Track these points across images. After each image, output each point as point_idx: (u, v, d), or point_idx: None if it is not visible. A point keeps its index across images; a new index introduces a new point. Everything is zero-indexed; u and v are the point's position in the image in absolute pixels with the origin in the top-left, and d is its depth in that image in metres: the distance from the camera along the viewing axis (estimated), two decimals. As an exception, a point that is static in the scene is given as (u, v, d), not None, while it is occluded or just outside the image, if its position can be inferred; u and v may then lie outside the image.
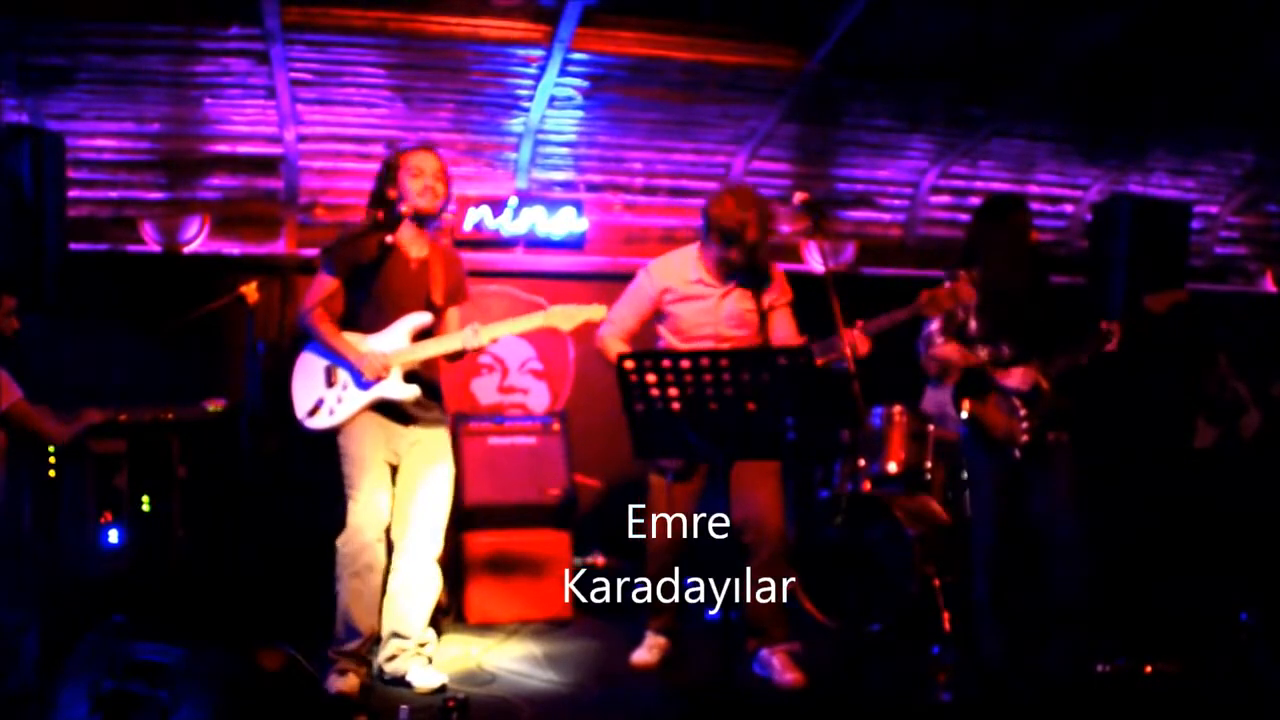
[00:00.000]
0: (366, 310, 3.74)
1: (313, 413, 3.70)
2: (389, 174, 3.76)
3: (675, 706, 3.66)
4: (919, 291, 3.65)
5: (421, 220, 3.77)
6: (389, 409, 3.70)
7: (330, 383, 3.71)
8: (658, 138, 5.56)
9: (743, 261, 3.85)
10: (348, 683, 3.55)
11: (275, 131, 5.11)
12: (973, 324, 3.85)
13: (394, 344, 3.69)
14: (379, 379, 3.64)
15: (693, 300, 3.95)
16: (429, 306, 3.76)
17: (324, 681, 3.56)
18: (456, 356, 3.74)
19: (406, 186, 3.70)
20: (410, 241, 3.79)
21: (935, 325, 3.89)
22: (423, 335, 3.73)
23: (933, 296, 3.62)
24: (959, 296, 3.63)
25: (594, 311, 3.75)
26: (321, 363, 3.74)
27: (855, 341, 3.59)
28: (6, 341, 3.95)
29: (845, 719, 3.58)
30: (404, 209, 3.67)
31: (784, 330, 3.98)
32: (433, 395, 3.81)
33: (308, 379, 3.75)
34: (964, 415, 3.81)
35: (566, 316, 3.70)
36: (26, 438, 3.95)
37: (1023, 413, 3.70)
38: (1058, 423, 3.73)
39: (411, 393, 3.68)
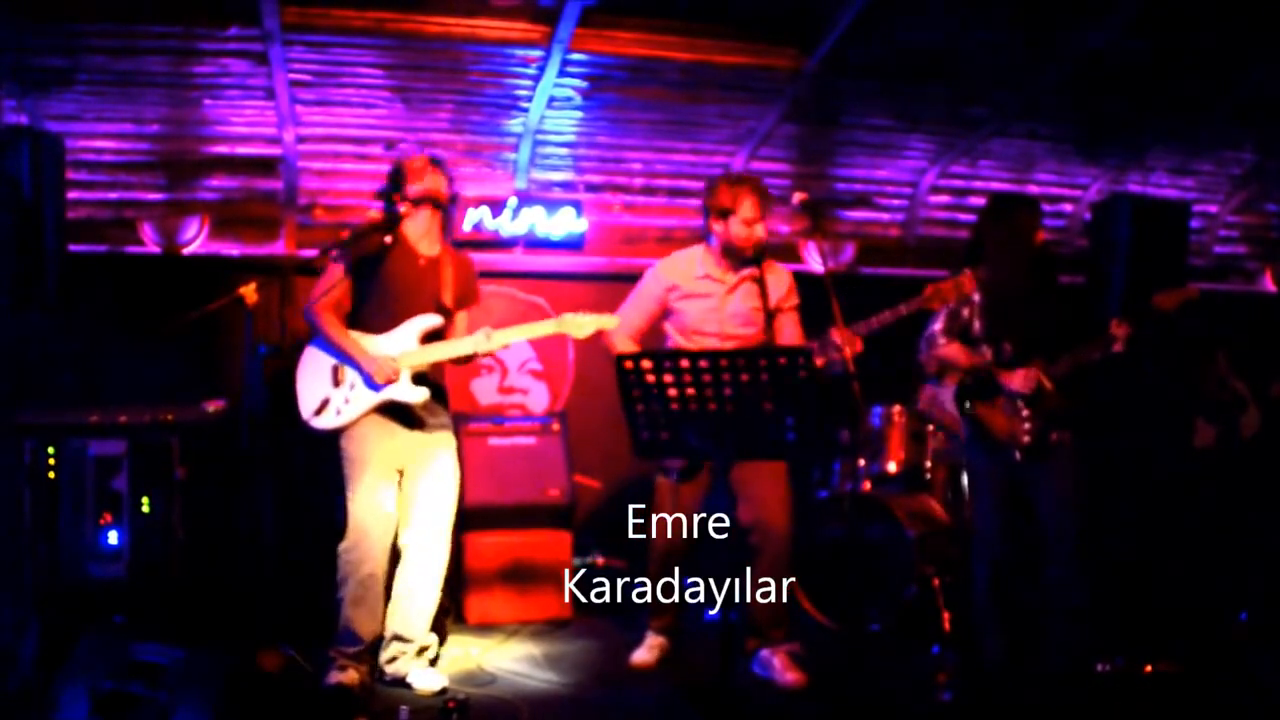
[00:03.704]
0: (373, 307, 3.71)
1: (319, 412, 3.68)
2: (402, 172, 3.76)
3: (675, 707, 3.66)
4: (921, 288, 3.64)
5: (438, 206, 3.74)
6: (395, 412, 3.67)
7: (337, 381, 3.68)
8: (657, 138, 5.56)
9: (746, 246, 3.85)
10: (348, 676, 3.56)
11: (274, 132, 5.11)
12: (976, 324, 3.85)
13: (402, 345, 3.66)
14: (389, 383, 3.62)
15: (698, 297, 3.96)
16: (438, 308, 3.73)
17: (324, 677, 3.58)
18: (465, 360, 3.73)
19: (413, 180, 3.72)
20: (420, 238, 3.78)
21: (939, 325, 3.88)
22: (431, 337, 3.71)
23: (938, 289, 3.59)
24: (963, 288, 3.62)
25: (607, 320, 3.74)
26: (328, 360, 3.70)
27: (848, 340, 3.59)
28: None
29: (845, 719, 3.58)
30: (402, 207, 3.67)
31: (790, 333, 3.98)
32: (440, 399, 3.79)
33: (313, 377, 3.72)
34: (966, 416, 3.81)
35: (579, 325, 3.67)
36: None
37: (1025, 413, 3.70)
38: (1060, 422, 3.73)
39: (421, 395, 3.65)
